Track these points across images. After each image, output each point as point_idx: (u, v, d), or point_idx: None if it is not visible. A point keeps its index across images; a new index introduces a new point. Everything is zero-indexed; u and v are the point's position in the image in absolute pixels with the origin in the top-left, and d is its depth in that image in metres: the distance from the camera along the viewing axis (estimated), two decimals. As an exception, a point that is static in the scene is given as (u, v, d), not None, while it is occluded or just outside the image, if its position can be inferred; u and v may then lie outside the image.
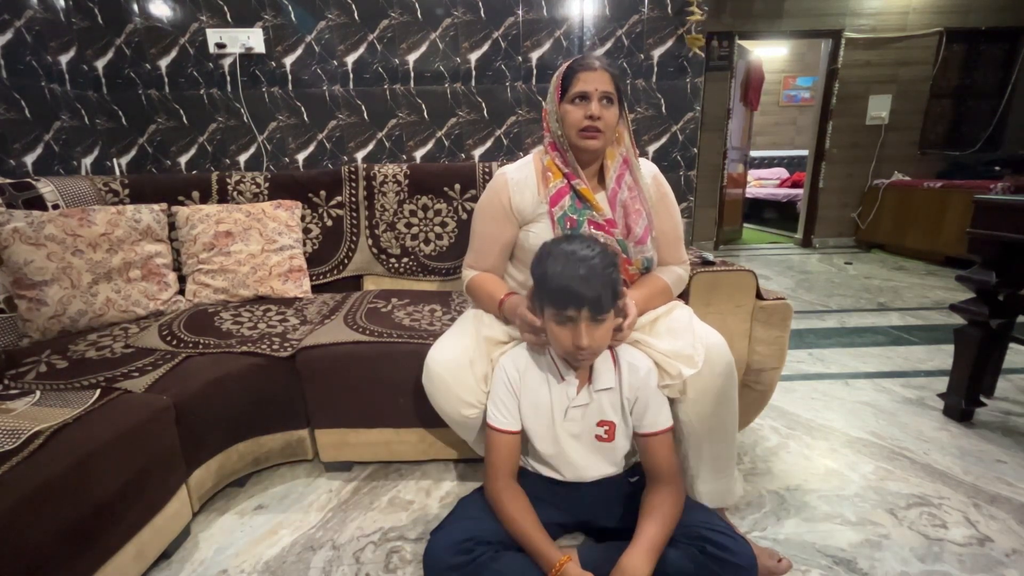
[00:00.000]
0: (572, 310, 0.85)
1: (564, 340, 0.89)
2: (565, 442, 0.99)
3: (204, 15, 2.13)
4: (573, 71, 1.04)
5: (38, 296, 1.30)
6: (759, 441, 1.49)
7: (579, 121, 1.04)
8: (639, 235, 1.08)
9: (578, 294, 0.84)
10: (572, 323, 0.87)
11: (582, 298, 0.84)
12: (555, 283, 0.86)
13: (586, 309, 0.85)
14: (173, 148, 2.27)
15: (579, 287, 0.84)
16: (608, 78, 1.04)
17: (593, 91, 1.03)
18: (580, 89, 1.03)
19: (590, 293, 0.84)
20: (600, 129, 1.04)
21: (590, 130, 1.04)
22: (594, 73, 1.03)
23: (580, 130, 1.04)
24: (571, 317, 0.86)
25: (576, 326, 0.87)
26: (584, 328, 0.86)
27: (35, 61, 1.86)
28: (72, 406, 0.98)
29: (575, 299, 0.85)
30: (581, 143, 1.06)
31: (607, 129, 1.05)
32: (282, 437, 1.34)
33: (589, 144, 1.05)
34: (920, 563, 1.04)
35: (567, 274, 0.85)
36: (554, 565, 0.84)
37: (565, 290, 0.85)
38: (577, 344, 0.87)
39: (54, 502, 0.80)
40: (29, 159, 1.81)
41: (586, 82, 1.03)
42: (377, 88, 2.24)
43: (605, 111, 1.03)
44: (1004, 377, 1.77)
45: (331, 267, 1.81)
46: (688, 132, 2.28)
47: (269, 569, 1.06)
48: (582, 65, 1.04)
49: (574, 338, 0.87)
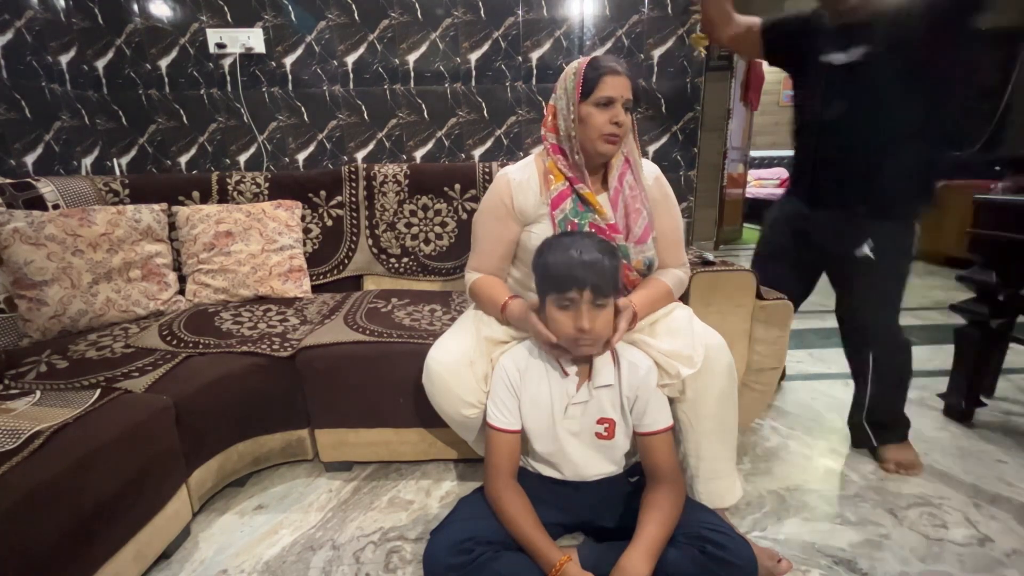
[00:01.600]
0: (574, 291, 0.88)
1: (566, 325, 0.90)
2: (565, 440, 1.00)
3: (204, 15, 2.13)
4: (599, 73, 1.02)
5: (38, 296, 1.30)
6: (759, 441, 1.49)
7: (604, 125, 1.03)
8: (639, 234, 1.08)
9: (579, 276, 0.87)
10: (574, 306, 0.89)
11: (583, 279, 0.87)
12: (556, 267, 0.89)
13: (587, 291, 0.88)
14: (173, 148, 2.27)
15: (579, 269, 0.87)
16: (630, 85, 1.04)
17: (619, 96, 1.02)
18: (608, 94, 1.01)
19: (590, 274, 0.87)
20: (621, 135, 1.04)
21: (613, 136, 1.04)
22: (620, 79, 1.02)
23: (603, 134, 1.04)
24: (573, 300, 0.89)
25: (578, 309, 0.89)
26: (585, 311, 0.88)
27: (35, 61, 1.86)
28: (72, 406, 0.98)
29: (576, 280, 0.88)
30: (602, 147, 1.05)
31: (625, 135, 1.06)
32: (282, 437, 1.34)
33: (610, 149, 1.06)
34: (920, 563, 1.04)
35: (568, 256, 0.89)
36: (554, 565, 0.84)
37: (566, 271, 0.88)
38: (579, 327, 0.88)
39: (54, 502, 0.79)
40: (29, 159, 1.81)
41: (613, 87, 1.01)
42: (377, 88, 2.24)
43: (626, 117, 1.04)
44: (1004, 377, 1.77)
45: (331, 267, 1.81)
46: (688, 132, 2.28)
47: (269, 569, 1.06)
48: (608, 68, 1.02)
49: (576, 320, 0.89)
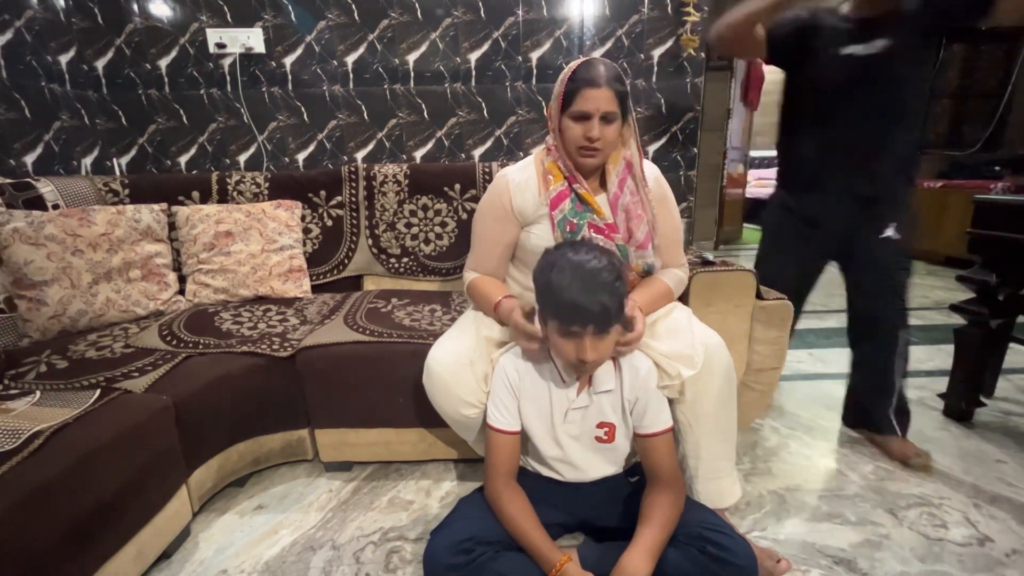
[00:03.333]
0: (577, 326, 0.84)
1: (568, 353, 0.87)
2: (565, 443, 1.00)
3: (204, 15, 2.12)
4: (576, 86, 1.00)
5: (38, 296, 1.30)
6: (759, 441, 1.49)
7: (578, 139, 1.02)
8: (640, 240, 1.08)
9: (585, 311, 0.82)
10: (577, 337, 0.85)
11: (588, 315, 0.83)
12: (561, 298, 0.84)
13: (592, 325, 0.83)
14: (173, 148, 2.27)
15: (586, 304, 0.82)
16: (611, 96, 0.99)
17: (595, 111, 0.99)
18: (581, 108, 1.00)
19: (597, 310, 0.82)
20: (600, 148, 1.02)
21: (588, 150, 1.03)
22: (598, 91, 0.99)
23: (578, 147, 1.04)
24: (576, 332, 0.85)
25: (581, 340, 0.85)
26: (588, 343, 0.85)
27: (35, 61, 1.86)
28: (72, 406, 0.98)
29: (581, 316, 0.83)
30: (579, 160, 1.05)
31: (606, 146, 1.03)
32: (282, 437, 1.34)
33: (587, 162, 1.05)
34: (920, 563, 1.04)
35: (574, 290, 0.83)
36: (554, 565, 0.85)
37: (571, 306, 0.83)
38: (581, 358, 0.86)
39: (54, 502, 0.80)
40: (29, 159, 1.81)
41: (588, 100, 0.99)
42: (377, 88, 2.24)
43: (605, 129, 1.01)
44: (1004, 377, 1.77)
45: (331, 267, 1.81)
46: (688, 132, 2.28)
47: (269, 569, 1.06)
48: (586, 80, 0.99)
49: (578, 352, 0.86)
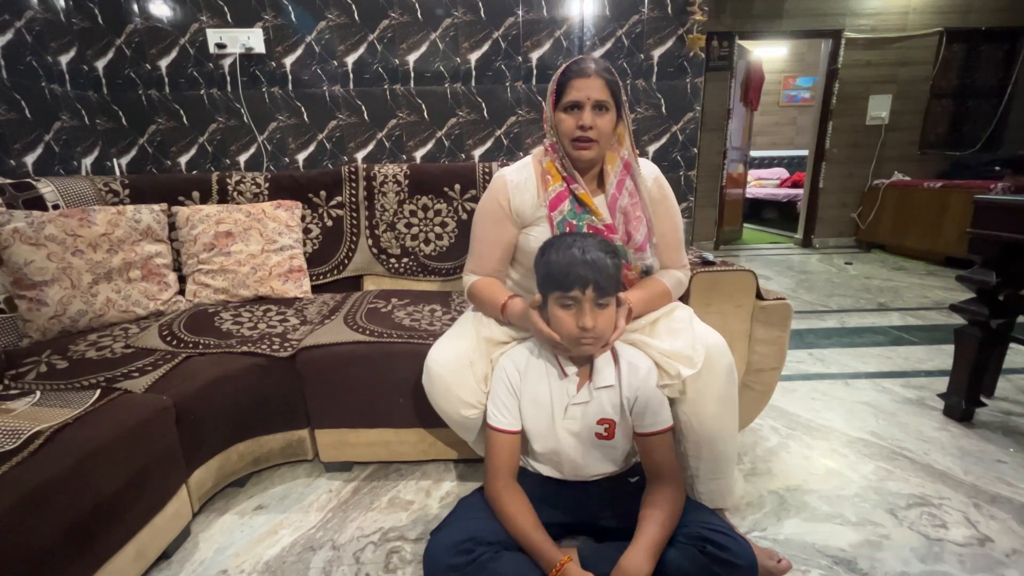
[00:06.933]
0: (577, 290, 0.89)
1: (568, 324, 0.91)
2: (565, 439, 1.00)
3: (204, 15, 2.13)
4: (567, 78, 1.02)
5: (38, 296, 1.30)
6: (759, 441, 1.49)
7: (571, 131, 1.02)
8: (639, 242, 1.08)
9: (582, 274, 0.88)
10: (576, 305, 0.90)
11: (586, 278, 0.88)
12: (560, 265, 0.90)
13: (590, 289, 0.88)
14: (173, 148, 2.27)
15: (582, 268, 0.88)
16: (602, 84, 1.00)
17: (585, 99, 1.00)
18: (572, 98, 1.01)
19: (593, 273, 0.88)
20: (593, 138, 1.02)
21: (582, 140, 1.03)
22: (587, 80, 1.00)
23: (572, 140, 1.03)
24: (575, 299, 0.89)
25: (580, 308, 0.89)
26: (588, 310, 0.89)
27: (35, 61, 1.86)
28: (72, 406, 0.98)
29: (579, 279, 0.88)
30: (574, 153, 1.05)
31: (601, 137, 1.03)
32: (282, 437, 1.34)
33: (582, 155, 1.05)
34: (920, 563, 1.04)
35: (570, 255, 0.89)
36: (554, 565, 0.84)
37: (569, 270, 0.89)
38: (582, 325, 0.89)
39: (54, 502, 0.79)
40: (29, 159, 1.81)
41: (579, 90, 1.00)
42: (377, 88, 2.24)
43: (599, 119, 1.01)
44: (1004, 377, 1.77)
45: (331, 267, 1.81)
46: (688, 132, 2.28)
47: (269, 569, 1.06)
48: (576, 71, 1.01)
49: (578, 319, 0.90)
